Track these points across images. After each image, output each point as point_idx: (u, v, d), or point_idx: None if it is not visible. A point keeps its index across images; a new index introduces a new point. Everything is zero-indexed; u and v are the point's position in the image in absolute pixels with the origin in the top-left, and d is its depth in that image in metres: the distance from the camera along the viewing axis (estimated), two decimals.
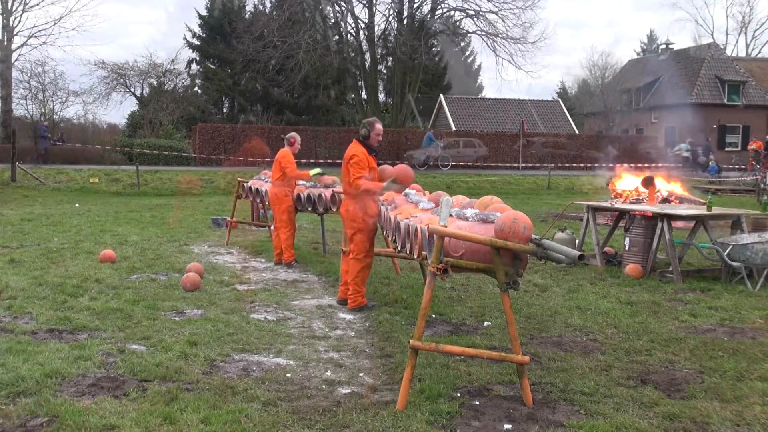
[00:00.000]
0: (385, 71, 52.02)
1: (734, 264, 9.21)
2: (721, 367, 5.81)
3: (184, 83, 52.21)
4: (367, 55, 44.07)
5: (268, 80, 45.70)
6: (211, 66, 50.97)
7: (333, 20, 43.15)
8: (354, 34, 43.24)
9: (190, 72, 52.07)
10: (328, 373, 5.62)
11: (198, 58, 51.65)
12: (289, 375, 5.52)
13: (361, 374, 5.63)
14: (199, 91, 51.96)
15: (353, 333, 6.92)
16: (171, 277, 9.27)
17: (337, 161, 37.81)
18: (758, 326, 7.22)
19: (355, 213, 7.61)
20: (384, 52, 48.36)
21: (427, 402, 4.90)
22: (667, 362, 5.98)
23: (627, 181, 12.50)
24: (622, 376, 5.61)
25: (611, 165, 20.88)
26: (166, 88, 49.15)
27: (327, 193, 10.37)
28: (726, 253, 9.23)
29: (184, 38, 51.98)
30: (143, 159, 31.36)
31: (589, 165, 36.50)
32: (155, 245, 12.07)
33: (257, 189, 11.85)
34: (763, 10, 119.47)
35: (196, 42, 51.03)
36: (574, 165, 39.35)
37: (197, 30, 51.20)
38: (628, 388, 5.32)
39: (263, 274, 9.87)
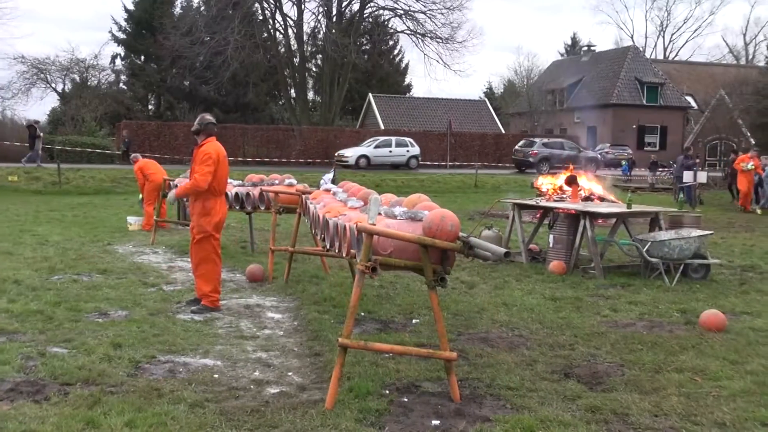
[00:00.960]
0: (314, 69, 51.84)
1: (653, 260, 9.51)
2: (640, 359, 6.00)
3: (109, 79, 51.00)
4: (296, 53, 43.84)
5: (196, 77, 44.99)
6: (138, 61, 49.90)
7: (262, 17, 42.75)
8: (283, 31, 42.97)
9: (115, 68, 50.91)
10: (257, 373, 5.58)
11: (123, 53, 50.50)
12: (216, 376, 5.46)
13: (290, 373, 5.61)
14: (125, 88, 50.80)
15: (282, 332, 6.89)
16: (94, 278, 9.05)
17: (265, 159, 37.67)
18: (675, 320, 7.48)
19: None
20: (313, 49, 48.19)
21: (356, 400, 4.92)
22: (589, 356, 6.15)
23: (551, 180, 12.78)
24: (547, 370, 5.73)
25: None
26: (89, 83, 47.89)
27: (255, 192, 10.27)
28: (645, 249, 9.53)
29: (110, 32, 50.80)
30: (65, 157, 30.49)
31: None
32: (77, 245, 11.76)
33: None
34: (680, 14, 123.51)
35: (123, 36, 49.88)
36: (500, 164, 40.00)
37: (123, 24, 50.07)
38: (552, 382, 5.45)
39: (190, 274, 9.70)
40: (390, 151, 36.30)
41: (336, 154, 35.37)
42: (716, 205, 24.13)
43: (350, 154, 35.29)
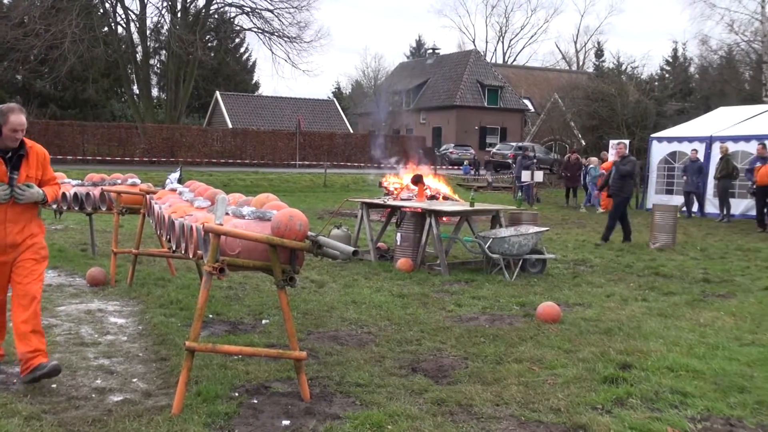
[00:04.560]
0: (158, 65, 50.18)
1: (494, 256, 9.93)
2: (483, 352, 6.26)
3: None
4: (139, 48, 42.27)
5: (30, 71, 42.37)
6: None
7: (102, 10, 40.87)
8: (125, 25, 41.28)
9: None
10: (99, 381, 5.36)
11: None
12: (54, 386, 5.19)
13: (135, 380, 5.42)
14: None
15: (125, 337, 6.64)
16: None
17: (107, 158, 36.11)
18: (515, 313, 7.85)
19: None
20: (157, 45, 46.65)
21: (204, 404, 4.83)
22: (435, 350, 6.34)
23: (398, 180, 13.06)
24: (395, 365, 5.86)
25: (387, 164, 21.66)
26: None
27: (96, 192, 9.82)
28: (487, 246, 9.93)
29: None
30: None
31: (361, 164, 37.66)
32: None
33: None
34: (518, 21, 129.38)
35: None
36: (349, 163, 40.39)
37: None
38: (400, 377, 5.58)
39: None
40: None
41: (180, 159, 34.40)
42: (552, 203, 25.49)
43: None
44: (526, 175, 24.26)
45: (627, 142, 23.97)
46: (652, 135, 24.27)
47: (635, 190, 24.60)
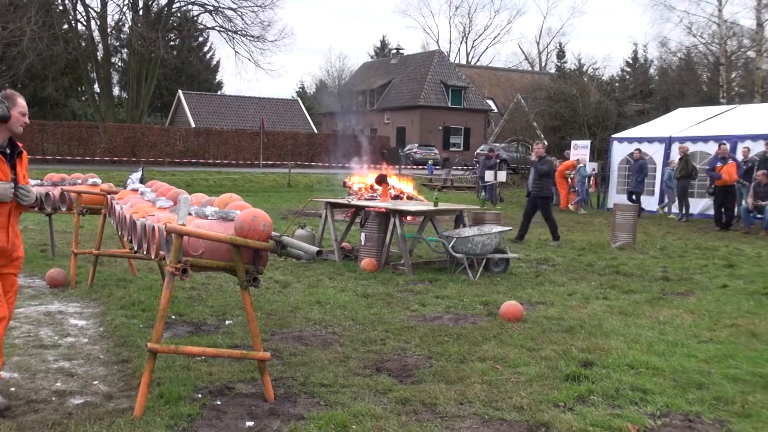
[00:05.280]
0: (120, 64, 49.56)
1: (457, 255, 9.99)
2: (447, 351, 6.29)
3: None
4: (100, 46, 41.69)
5: None
6: None
7: (62, 8, 40.22)
8: (85, 23, 40.69)
9: None
10: (59, 384, 5.28)
11: None
12: (13, 389, 5.10)
13: (96, 382, 5.35)
14: None
15: (86, 339, 6.56)
16: None
17: (67, 158, 35.58)
18: (478, 312, 7.91)
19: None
20: (118, 43, 46.08)
21: (167, 406, 4.78)
22: (399, 350, 6.36)
23: (362, 179, 13.07)
24: (359, 365, 5.87)
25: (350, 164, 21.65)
26: None
27: (55, 192, 9.67)
28: (451, 245, 9.98)
29: None
30: None
31: (326, 164, 37.60)
32: None
33: None
34: (481, 22, 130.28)
35: None
36: (313, 163, 40.30)
37: None
38: (365, 377, 5.58)
39: None
40: None
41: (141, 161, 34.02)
42: (515, 203, 25.67)
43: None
44: (489, 175, 24.43)
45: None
46: (613, 135, 24.60)
47: (598, 189, 24.96)
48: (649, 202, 21.79)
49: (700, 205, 20.46)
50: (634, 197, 20.72)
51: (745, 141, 19.39)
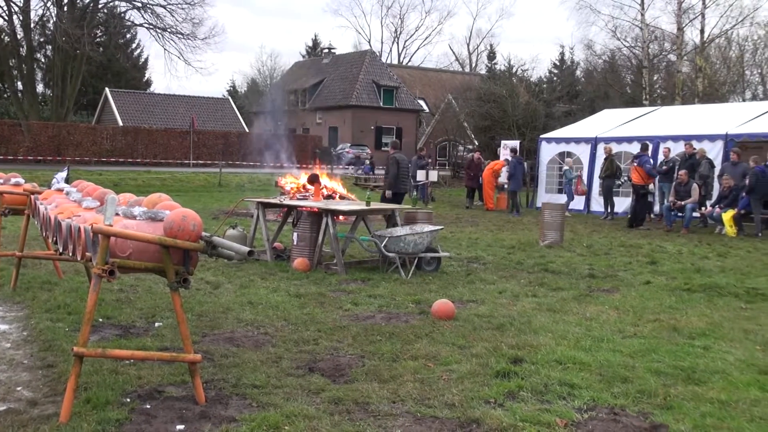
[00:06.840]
0: (44, 60, 48.12)
1: (390, 254, 10.04)
2: (380, 350, 6.32)
3: None
4: (23, 42, 40.38)
5: None
6: None
7: None
8: (7, 18, 39.34)
9: None
10: None
11: None
12: None
13: (19, 388, 5.20)
14: None
15: (9, 344, 6.36)
16: None
17: None
18: (410, 310, 7.96)
19: None
20: (42, 39, 44.72)
21: (94, 411, 4.68)
22: (332, 350, 6.36)
23: (294, 179, 13.01)
24: (292, 366, 5.85)
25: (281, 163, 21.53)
26: None
27: None
28: (383, 244, 10.02)
29: None
30: None
31: (257, 163, 37.26)
32: None
33: None
34: (412, 23, 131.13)
35: None
36: (244, 163, 39.91)
37: None
38: (297, 377, 5.57)
39: None
40: None
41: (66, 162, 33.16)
42: (446, 202, 25.94)
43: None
44: (421, 175, 24.60)
45: (517, 143, 24.70)
46: (542, 136, 25.08)
47: (526, 188, 25.40)
48: (579, 202, 22.30)
49: (625, 203, 21.04)
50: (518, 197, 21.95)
51: (667, 141, 20.06)
